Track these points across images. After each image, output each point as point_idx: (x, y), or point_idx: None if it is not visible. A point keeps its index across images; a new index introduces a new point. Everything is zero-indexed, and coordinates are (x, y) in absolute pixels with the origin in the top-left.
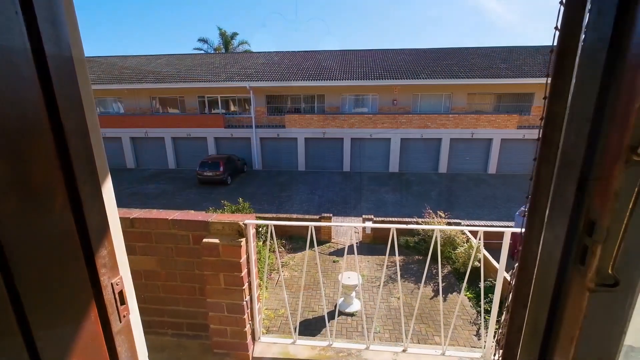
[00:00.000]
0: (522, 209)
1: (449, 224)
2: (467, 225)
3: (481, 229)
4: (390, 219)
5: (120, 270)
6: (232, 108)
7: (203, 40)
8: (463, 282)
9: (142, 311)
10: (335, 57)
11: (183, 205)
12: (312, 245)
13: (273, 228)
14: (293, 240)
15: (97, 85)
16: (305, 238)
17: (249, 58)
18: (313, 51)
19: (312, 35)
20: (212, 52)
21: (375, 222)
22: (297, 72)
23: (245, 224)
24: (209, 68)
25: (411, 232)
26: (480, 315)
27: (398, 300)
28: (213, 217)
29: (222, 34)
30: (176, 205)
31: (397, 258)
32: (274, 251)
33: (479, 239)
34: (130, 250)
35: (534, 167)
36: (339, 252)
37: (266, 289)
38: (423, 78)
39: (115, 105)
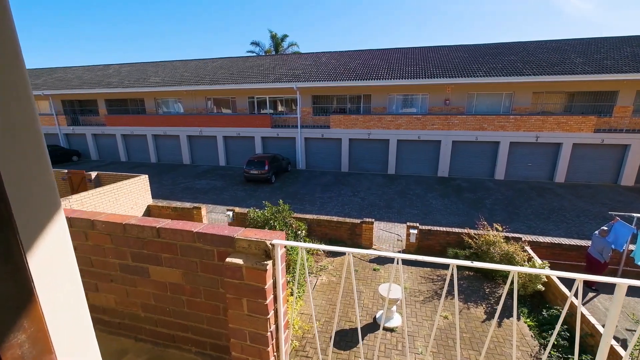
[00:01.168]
0: (605, 228)
1: (506, 238)
2: (529, 242)
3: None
4: (438, 228)
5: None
6: (280, 108)
7: (255, 44)
8: (523, 306)
9: (167, 324)
10: (384, 56)
11: (229, 201)
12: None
13: (304, 252)
14: (333, 243)
15: (161, 87)
16: (345, 241)
17: (297, 59)
18: (361, 50)
19: (365, 34)
20: (263, 54)
21: (421, 230)
22: (344, 72)
23: (273, 245)
24: (259, 70)
25: (461, 244)
26: (545, 350)
27: (445, 319)
28: (239, 232)
29: (273, 37)
30: (223, 201)
31: (457, 301)
32: (312, 254)
33: (544, 260)
34: (156, 261)
35: None
36: (380, 260)
37: (302, 293)
38: (480, 76)
39: (177, 105)
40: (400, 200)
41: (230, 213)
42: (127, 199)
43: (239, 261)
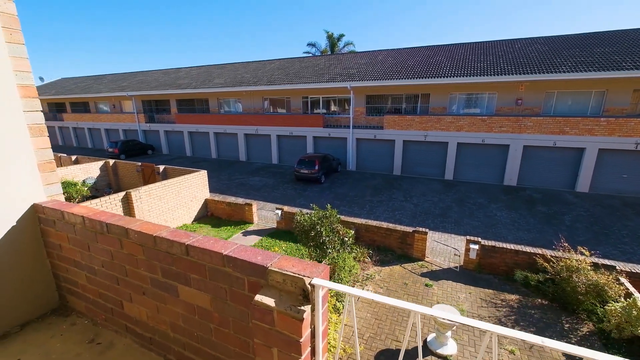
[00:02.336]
0: None
1: (595, 265)
2: (628, 272)
3: None
4: (505, 245)
5: None
6: (332, 108)
7: (311, 45)
8: (617, 353)
9: (195, 350)
10: (447, 52)
11: (280, 199)
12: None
13: (353, 301)
14: (381, 251)
15: (222, 88)
16: (394, 250)
17: (352, 58)
18: (421, 47)
19: (429, 31)
20: (319, 54)
21: (483, 246)
22: (401, 70)
23: (313, 286)
24: (313, 70)
25: (533, 266)
26: None
27: (511, 354)
28: (274, 260)
29: (329, 37)
30: (274, 199)
31: None
32: (359, 260)
33: None
34: (185, 281)
35: None
36: (433, 275)
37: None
38: (564, 72)
39: (237, 105)
40: (459, 209)
41: (279, 212)
42: (187, 192)
43: (270, 302)
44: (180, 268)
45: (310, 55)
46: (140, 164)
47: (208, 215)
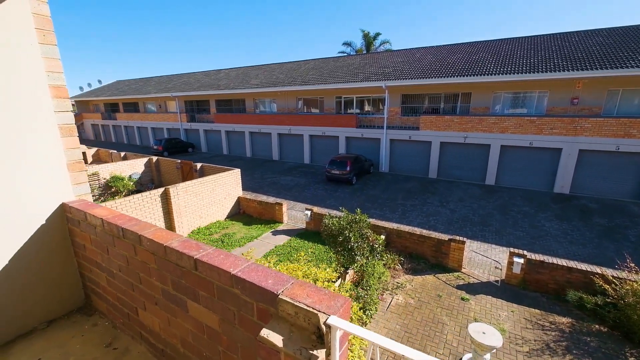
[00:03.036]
0: None
1: None
2: None
3: None
4: (557, 261)
5: None
6: (366, 108)
7: (347, 44)
8: None
9: None
10: (491, 48)
11: (310, 200)
12: None
13: (377, 350)
14: (413, 259)
15: (257, 88)
16: (427, 258)
17: (388, 57)
18: (463, 43)
19: (474, 27)
20: (354, 54)
21: (529, 260)
22: (440, 68)
23: (330, 326)
24: (347, 70)
25: (590, 287)
26: None
27: None
28: (287, 286)
29: (365, 35)
30: (304, 199)
31: None
32: (389, 267)
33: None
34: (194, 297)
35: None
36: (470, 288)
37: (374, 311)
38: (632, 67)
39: (272, 105)
40: (501, 217)
41: (309, 212)
42: (221, 190)
43: (278, 340)
44: (189, 282)
45: (346, 54)
46: (179, 161)
47: (240, 213)
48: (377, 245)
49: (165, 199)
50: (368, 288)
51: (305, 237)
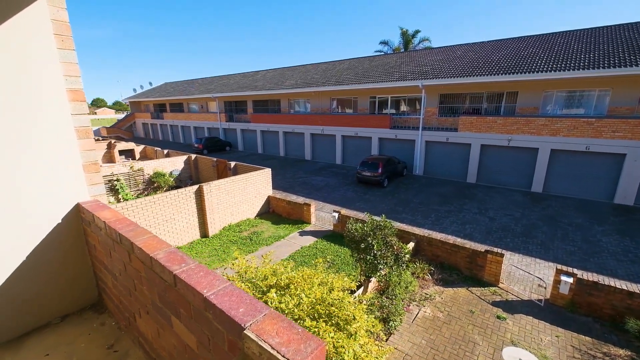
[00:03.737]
0: None
1: None
2: None
3: None
4: (614, 283)
5: None
6: (402, 108)
7: (384, 43)
8: None
9: None
10: (543, 43)
11: (339, 201)
12: None
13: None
14: (445, 269)
15: (291, 89)
16: (461, 270)
17: (426, 55)
18: (510, 39)
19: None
20: (391, 53)
21: (580, 280)
22: (483, 65)
23: None
24: (383, 69)
25: None
26: None
27: None
28: (256, 320)
29: (403, 33)
30: (333, 200)
31: None
32: (418, 277)
33: None
34: (175, 313)
35: None
36: (508, 306)
37: (399, 323)
38: None
39: (306, 105)
40: (548, 229)
41: (336, 215)
42: (252, 188)
43: None
44: (171, 298)
45: (382, 53)
46: (215, 159)
47: (270, 212)
48: (402, 255)
49: (199, 196)
50: (393, 297)
51: (332, 239)
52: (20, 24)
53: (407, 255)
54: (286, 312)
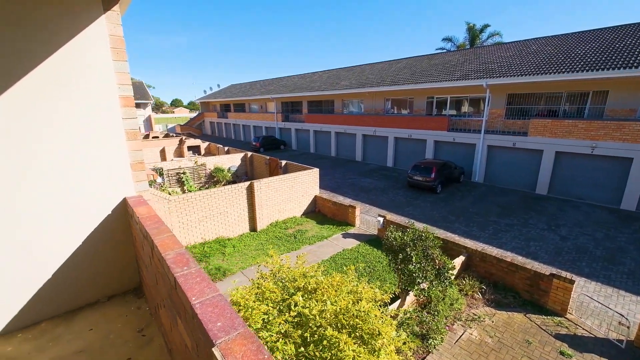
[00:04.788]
0: None
1: None
2: None
3: None
4: None
5: None
6: (464, 109)
7: (447, 39)
8: None
9: None
10: None
11: (387, 205)
12: None
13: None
14: (499, 289)
15: (345, 89)
16: (519, 292)
17: (494, 51)
18: (598, 29)
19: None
20: (454, 50)
21: None
22: (564, 60)
23: None
24: (443, 67)
25: None
26: None
27: None
28: (231, 337)
29: (470, 29)
30: (381, 203)
31: None
32: (466, 294)
33: None
34: (178, 313)
35: None
36: (576, 341)
37: (439, 342)
38: None
39: (360, 106)
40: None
41: (382, 219)
42: (300, 187)
43: None
44: (174, 298)
45: (445, 51)
46: (268, 157)
47: (315, 211)
48: (445, 270)
49: (250, 192)
50: (436, 314)
51: (375, 244)
52: (84, 38)
53: (451, 270)
54: (309, 317)
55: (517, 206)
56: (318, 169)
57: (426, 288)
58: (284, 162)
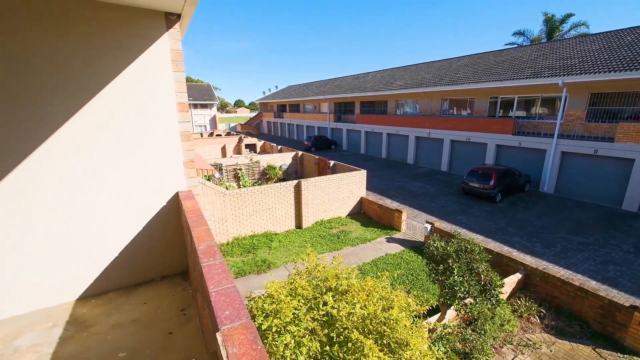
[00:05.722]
0: None
1: None
2: None
3: None
4: None
5: None
6: (533, 110)
7: (519, 33)
8: None
9: None
10: None
11: (437, 212)
12: None
13: None
14: (562, 315)
15: (399, 90)
16: (587, 322)
17: (576, 44)
18: None
19: None
20: (527, 45)
21: None
22: None
23: None
24: (511, 64)
25: None
26: None
27: None
28: (234, 325)
29: (548, 20)
30: (431, 210)
31: None
32: (520, 316)
33: None
34: (203, 298)
35: None
36: None
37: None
38: None
39: (414, 106)
40: None
41: (429, 226)
42: (346, 188)
43: None
44: (202, 285)
45: (516, 46)
46: (317, 157)
47: (360, 213)
48: (492, 289)
49: (297, 190)
50: (483, 333)
51: (421, 251)
52: (152, 53)
53: (499, 288)
54: (337, 318)
55: (595, 223)
56: (365, 171)
57: (468, 304)
58: (332, 162)
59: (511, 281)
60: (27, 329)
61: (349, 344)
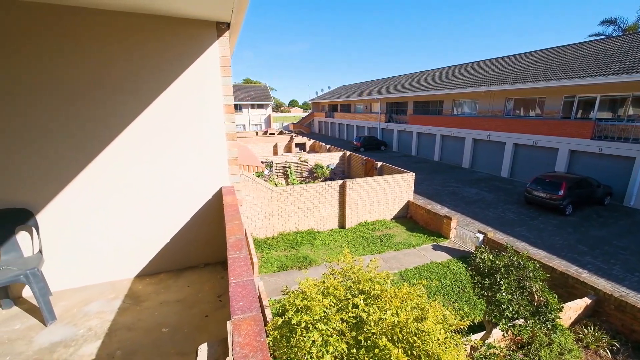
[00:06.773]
0: None
1: None
2: None
3: None
4: None
5: None
6: (620, 111)
7: (608, 22)
8: None
9: None
10: None
11: (492, 221)
12: None
13: None
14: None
15: (455, 89)
16: None
17: None
18: None
19: None
20: (617, 35)
21: None
22: None
23: None
24: (594, 59)
25: None
26: None
27: None
28: (243, 316)
29: None
30: (485, 218)
31: None
32: (587, 347)
33: None
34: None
35: None
36: None
37: None
38: None
39: (474, 106)
40: None
41: (481, 236)
42: (392, 190)
43: (202, 357)
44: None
45: (602, 37)
46: (364, 158)
47: (406, 217)
48: (547, 312)
49: (342, 191)
50: (536, 358)
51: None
52: (204, 59)
53: (555, 313)
54: (366, 322)
55: None
56: (413, 174)
57: (517, 325)
58: (379, 164)
59: (577, 306)
60: (96, 297)
61: (376, 350)
